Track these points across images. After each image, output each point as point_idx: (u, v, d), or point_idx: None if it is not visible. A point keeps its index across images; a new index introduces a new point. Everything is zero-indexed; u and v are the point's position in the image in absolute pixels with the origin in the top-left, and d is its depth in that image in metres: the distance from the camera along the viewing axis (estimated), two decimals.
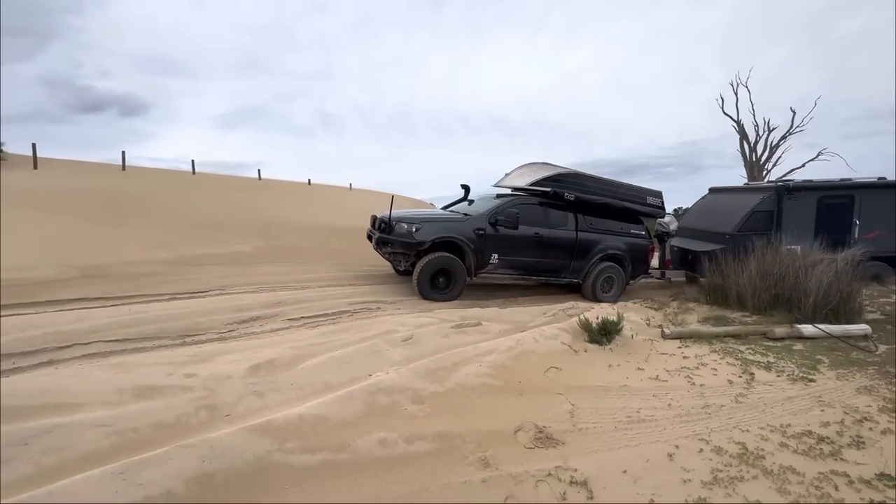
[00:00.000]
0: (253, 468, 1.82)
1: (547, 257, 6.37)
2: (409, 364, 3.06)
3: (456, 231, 5.77)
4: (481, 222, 5.95)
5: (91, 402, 2.22)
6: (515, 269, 6.23)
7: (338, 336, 3.66)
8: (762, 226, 7.31)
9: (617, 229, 6.96)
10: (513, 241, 6.07)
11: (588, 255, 6.58)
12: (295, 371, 2.83)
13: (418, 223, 5.68)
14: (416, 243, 5.55)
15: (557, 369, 3.27)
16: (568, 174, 6.50)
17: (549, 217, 6.44)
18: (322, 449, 2.00)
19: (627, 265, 6.88)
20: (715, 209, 8.38)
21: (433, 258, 5.58)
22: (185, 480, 1.69)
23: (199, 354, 3.11)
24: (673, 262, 8.04)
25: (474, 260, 5.83)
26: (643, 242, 7.17)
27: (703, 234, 8.04)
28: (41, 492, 1.55)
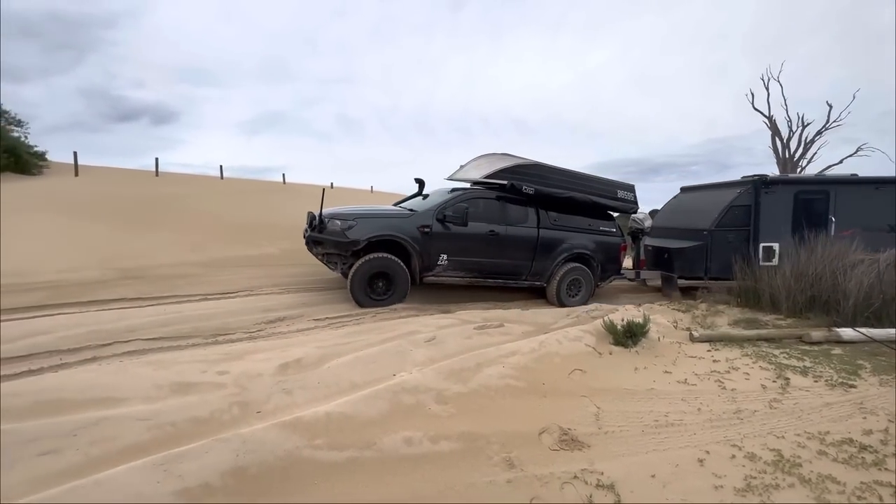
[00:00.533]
0: (284, 463, 1.88)
1: (504, 258, 5.76)
2: (432, 364, 3.09)
3: (396, 229, 5.16)
4: (427, 219, 5.32)
5: (133, 396, 2.34)
6: (467, 271, 5.61)
7: (362, 336, 3.72)
8: (740, 221, 6.97)
9: (585, 226, 6.36)
10: (464, 239, 5.46)
11: (552, 255, 6.00)
12: (322, 370, 2.90)
13: (352, 220, 5.07)
14: (348, 242, 4.95)
15: (581, 371, 3.23)
16: (527, 165, 5.89)
17: (506, 213, 5.83)
18: (349, 446, 2.05)
19: (597, 265, 6.31)
20: (690, 207, 8.08)
21: (369, 259, 4.97)
22: (220, 473, 1.76)
23: (230, 353, 3.22)
24: (647, 261, 7.64)
25: (419, 261, 5.24)
26: (614, 240, 6.59)
27: (679, 232, 7.68)
28: (90, 481, 1.65)
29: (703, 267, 6.97)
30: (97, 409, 2.17)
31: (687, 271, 7.12)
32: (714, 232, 6.92)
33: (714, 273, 6.96)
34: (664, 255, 7.39)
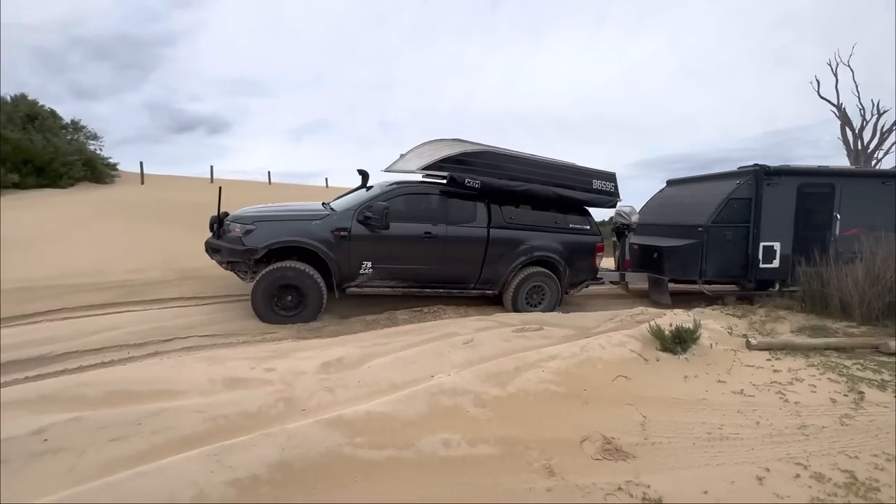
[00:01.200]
0: (326, 459, 1.94)
1: (444, 263, 4.93)
2: (470, 367, 3.08)
3: (303, 233, 4.41)
4: (345, 220, 4.57)
5: (190, 390, 2.50)
6: (399, 280, 4.86)
7: (401, 337, 3.77)
8: (740, 216, 6.23)
9: (550, 224, 5.51)
10: (392, 243, 4.69)
11: (506, 259, 5.18)
12: (362, 369, 2.97)
13: (251, 223, 4.39)
14: (244, 251, 4.25)
15: (626, 378, 3.10)
16: (476, 153, 5.04)
17: (448, 210, 4.99)
18: (388, 445, 2.08)
19: (564, 269, 5.45)
20: (681, 201, 7.27)
21: (273, 270, 4.28)
22: (267, 466, 1.84)
23: (276, 351, 3.37)
24: (633, 262, 6.75)
25: (337, 270, 4.51)
26: (588, 240, 5.71)
27: (669, 229, 6.93)
28: (152, 467, 1.77)
29: (697, 268, 6.21)
30: (159, 401, 2.34)
31: (679, 273, 6.35)
32: (711, 228, 6.16)
33: (710, 275, 6.29)
34: (653, 254, 6.54)
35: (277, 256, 4.36)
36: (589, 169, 5.80)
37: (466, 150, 5.03)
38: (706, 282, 6.35)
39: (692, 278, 6.32)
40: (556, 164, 5.59)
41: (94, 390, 2.44)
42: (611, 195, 5.88)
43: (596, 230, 5.88)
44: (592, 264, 5.79)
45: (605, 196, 5.83)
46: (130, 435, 2.02)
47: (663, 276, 6.33)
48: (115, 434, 2.00)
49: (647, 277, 6.57)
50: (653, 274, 6.51)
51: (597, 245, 5.79)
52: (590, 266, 5.78)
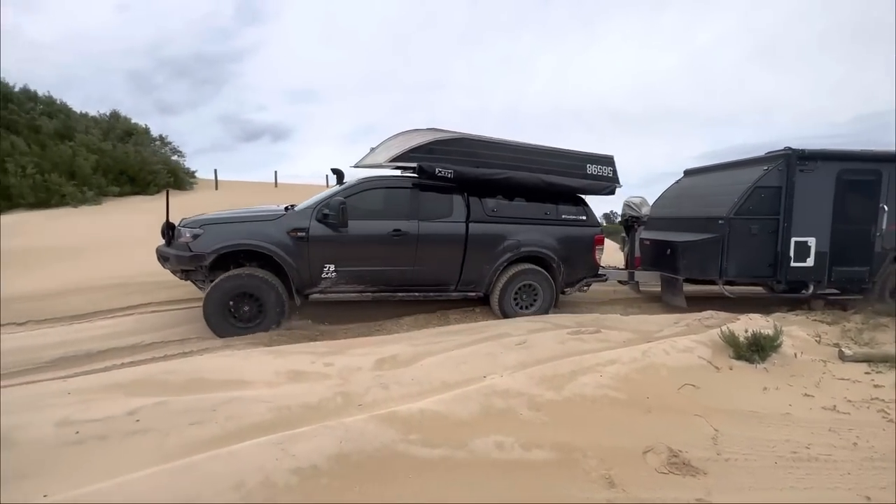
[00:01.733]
0: (381, 454, 1.98)
1: (418, 264, 4.44)
2: (523, 369, 3.02)
3: (255, 236, 4.00)
4: (302, 219, 4.15)
5: (257, 380, 2.68)
6: (368, 284, 4.38)
7: (452, 337, 3.78)
8: (768, 207, 5.42)
9: (539, 216, 4.97)
10: (357, 243, 4.25)
11: (490, 257, 4.68)
12: (415, 367, 3.01)
13: (199, 227, 4.02)
14: (191, 257, 3.89)
15: (694, 387, 2.87)
16: (449, 140, 4.57)
17: (420, 205, 4.51)
18: (441, 444, 2.09)
19: (558, 266, 4.92)
20: (700, 191, 6.49)
21: (227, 278, 3.91)
22: (327, 457, 1.91)
23: (333, 347, 3.51)
24: (644, 259, 6.12)
25: (296, 274, 4.08)
26: (584, 232, 5.14)
27: (686, 222, 6.18)
28: (225, 451, 1.91)
29: (717, 266, 5.51)
30: (231, 390, 2.52)
31: (695, 272, 5.65)
32: (733, 221, 5.44)
33: (732, 275, 5.57)
34: (666, 250, 5.86)
35: (236, 262, 4.05)
36: (582, 153, 5.24)
37: (438, 139, 4.54)
38: (728, 282, 5.72)
39: (711, 278, 5.67)
40: (542, 150, 5.04)
41: (177, 377, 2.69)
42: (609, 181, 5.29)
43: (594, 221, 5.31)
44: (591, 259, 5.22)
45: (603, 182, 5.24)
46: (207, 420, 2.20)
47: (677, 276, 5.66)
48: (194, 418, 2.18)
49: (659, 277, 5.97)
50: (666, 273, 5.87)
51: (595, 237, 5.20)
52: (588, 261, 5.20)
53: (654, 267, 6.07)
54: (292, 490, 1.73)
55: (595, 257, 5.22)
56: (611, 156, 5.33)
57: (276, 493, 1.69)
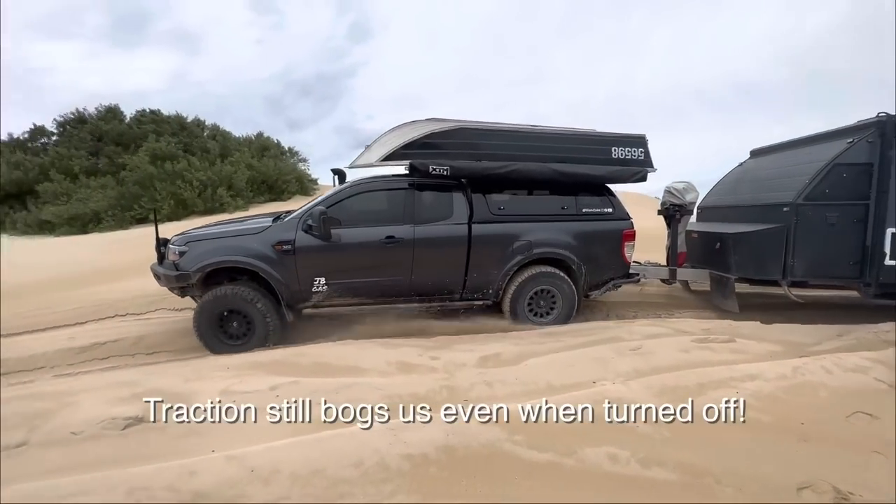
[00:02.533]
0: (487, 451, 1.99)
1: (418, 272, 4.03)
2: (639, 377, 2.76)
3: (238, 251, 3.77)
4: (287, 231, 3.85)
5: (372, 369, 2.91)
6: (363, 297, 4.04)
7: (557, 338, 3.64)
8: (852, 190, 4.21)
9: (554, 211, 4.40)
10: (347, 253, 3.91)
11: (498, 260, 4.17)
12: (519, 367, 2.96)
13: (184, 244, 3.83)
14: (177, 276, 3.73)
15: (868, 416, 2.32)
16: (446, 132, 4.08)
17: (416, 208, 4.07)
18: (549, 449, 2.01)
19: (579, 267, 4.31)
20: (763, 174, 5.29)
21: (212, 296, 3.71)
22: (435, 447, 1.99)
23: (439, 342, 3.64)
24: (692, 255, 5.24)
25: (285, 289, 3.81)
26: (609, 227, 4.48)
27: (743, 211, 5.12)
28: (346, 431, 2.11)
29: (778, 264, 4.43)
30: (349, 376, 2.78)
31: (750, 270, 4.67)
32: (802, 207, 4.33)
33: (801, 274, 4.36)
34: (714, 244, 4.97)
35: (231, 278, 3.86)
36: (605, 134, 4.52)
37: (434, 131, 4.08)
38: (794, 283, 4.50)
39: (771, 277, 4.60)
40: (557, 135, 4.43)
41: (305, 360, 3.05)
42: (639, 164, 4.50)
43: (622, 213, 4.56)
44: (619, 258, 4.49)
45: (632, 167, 4.46)
46: (331, 401, 2.45)
47: (728, 274, 4.75)
48: (320, 399, 2.45)
49: (708, 276, 5.06)
50: (715, 271, 4.95)
51: (624, 232, 4.47)
52: (616, 260, 4.49)
53: (704, 263, 5.18)
54: (404, 475, 1.83)
55: (624, 255, 4.52)
56: (641, 135, 4.57)
57: (389, 476, 1.81)
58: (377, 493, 1.71)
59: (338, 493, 1.70)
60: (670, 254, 5.31)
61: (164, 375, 2.83)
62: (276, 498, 1.66)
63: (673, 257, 5.25)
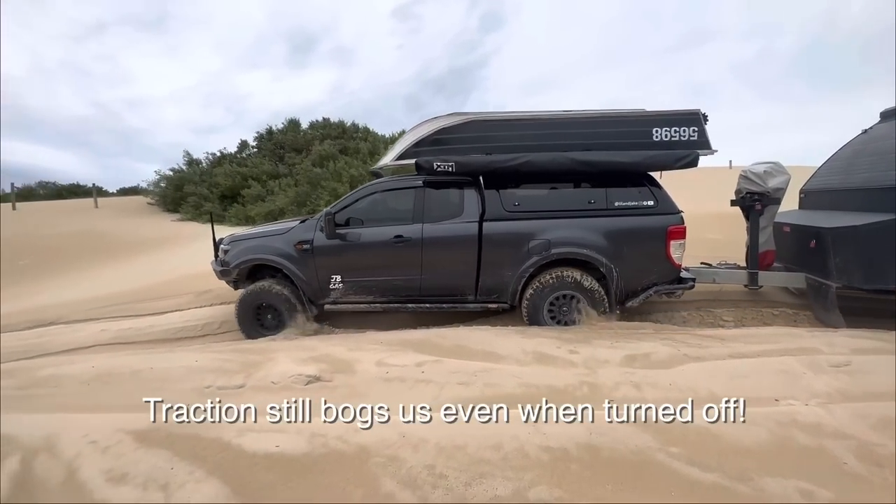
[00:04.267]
0: (636, 458, 1.82)
1: (427, 272, 3.93)
2: (844, 402, 2.19)
3: (266, 250, 4.13)
4: (307, 232, 4.08)
5: (508, 356, 2.93)
6: (376, 295, 4.05)
7: (727, 343, 3.12)
8: None
9: (580, 206, 3.93)
10: (360, 252, 3.99)
11: (513, 261, 3.86)
12: (673, 371, 2.63)
13: (228, 244, 4.31)
14: (222, 271, 4.28)
15: None
16: (457, 126, 3.92)
17: (425, 206, 3.98)
18: (715, 469, 1.74)
19: (609, 270, 3.76)
20: (885, 146, 3.79)
21: (249, 290, 4.13)
22: (576, 444, 1.90)
23: (579, 335, 3.46)
24: (783, 254, 4.31)
25: (307, 286, 4.06)
26: (650, 223, 3.81)
27: (850, 197, 3.93)
28: (480, 412, 2.17)
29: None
30: (487, 361, 2.85)
31: (857, 276, 3.60)
32: None
33: None
34: (809, 241, 3.96)
35: (270, 274, 4.27)
36: (643, 114, 3.90)
37: (445, 126, 3.95)
38: None
39: (886, 286, 3.54)
40: (580, 119, 3.93)
41: (446, 342, 3.24)
42: (687, 146, 3.82)
43: (668, 206, 3.85)
44: (664, 259, 3.78)
45: (677, 150, 3.79)
46: (470, 382, 2.55)
47: (828, 281, 3.76)
48: (461, 379, 2.57)
49: (804, 280, 4.09)
50: (811, 276, 4.00)
51: (670, 229, 3.76)
52: (659, 262, 3.80)
53: (798, 264, 4.18)
54: (543, 465, 1.80)
55: (670, 256, 3.78)
56: (694, 111, 3.84)
57: (529, 464, 1.80)
58: (517, 478, 1.72)
59: (479, 471, 1.76)
60: (750, 253, 4.33)
61: (333, 344, 3.33)
62: (424, 463, 1.80)
63: (753, 257, 4.29)
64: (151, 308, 5.36)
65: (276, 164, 15.43)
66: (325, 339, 3.70)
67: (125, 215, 14.09)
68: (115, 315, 5.29)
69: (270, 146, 16.36)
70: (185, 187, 14.57)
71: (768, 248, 4.35)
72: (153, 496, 1.64)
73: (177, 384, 2.63)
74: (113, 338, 4.51)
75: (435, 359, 2.83)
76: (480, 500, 1.61)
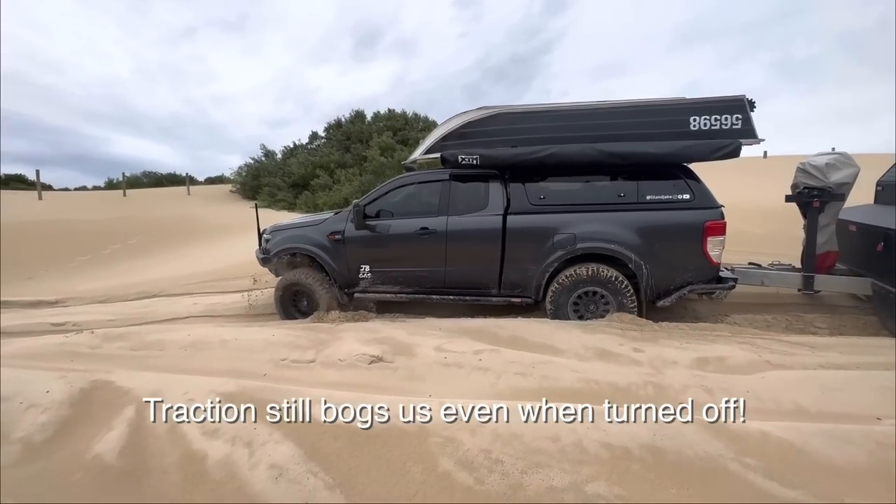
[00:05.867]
0: (706, 465, 1.72)
1: (451, 264, 3.96)
2: None
3: (301, 239, 4.37)
4: (339, 223, 4.27)
5: (567, 350, 2.87)
6: (403, 285, 4.16)
7: (818, 351, 2.81)
8: None
9: (609, 200, 3.73)
10: (387, 243, 4.13)
11: (537, 255, 3.73)
12: (753, 378, 2.42)
13: (270, 233, 4.60)
14: (262, 259, 4.57)
15: None
16: (483, 119, 3.93)
17: (451, 199, 4.02)
18: (798, 486, 1.60)
19: (639, 267, 3.53)
20: None
21: (286, 277, 4.38)
22: (638, 444, 1.83)
23: (645, 334, 3.30)
24: (847, 255, 3.91)
25: (338, 275, 4.26)
26: (685, 218, 3.56)
27: None
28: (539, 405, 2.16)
29: None
30: (545, 353, 2.82)
31: None
32: None
33: None
34: (875, 243, 3.38)
35: (309, 264, 4.44)
36: (680, 102, 3.69)
37: (472, 119, 4.00)
38: None
39: None
40: (610, 109, 3.78)
41: (504, 332, 3.24)
42: (729, 135, 3.57)
43: (706, 200, 3.60)
44: (700, 257, 3.56)
45: (718, 140, 3.54)
46: (527, 373, 2.55)
47: (889, 287, 3.18)
48: (518, 369, 2.58)
49: (869, 287, 3.56)
50: (877, 281, 3.43)
51: (707, 225, 3.52)
52: (694, 260, 3.57)
53: (864, 266, 3.70)
54: (602, 462, 1.76)
55: (707, 253, 3.54)
56: (738, 98, 3.60)
57: (587, 459, 1.77)
58: (574, 471, 1.70)
59: (535, 461, 1.77)
60: (805, 254, 3.95)
61: (395, 328, 3.48)
62: (480, 447, 1.84)
63: (809, 259, 3.90)
64: (234, 286, 5.93)
65: (343, 154, 16.17)
66: (388, 323, 3.87)
67: (212, 202, 15.62)
68: (205, 291, 5.93)
69: (339, 136, 17.16)
70: (262, 178, 15.81)
71: (830, 249, 3.96)
72: (239, 451, 1.84)
73: (258, 355, 2.90)
74: (203, 311, 5.06)
75: (492, 348, 2.85)
76: (536, 488, 1.61)
